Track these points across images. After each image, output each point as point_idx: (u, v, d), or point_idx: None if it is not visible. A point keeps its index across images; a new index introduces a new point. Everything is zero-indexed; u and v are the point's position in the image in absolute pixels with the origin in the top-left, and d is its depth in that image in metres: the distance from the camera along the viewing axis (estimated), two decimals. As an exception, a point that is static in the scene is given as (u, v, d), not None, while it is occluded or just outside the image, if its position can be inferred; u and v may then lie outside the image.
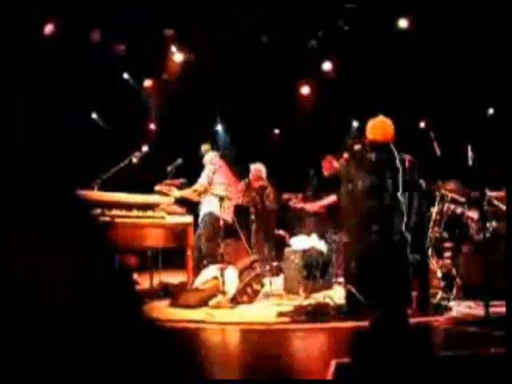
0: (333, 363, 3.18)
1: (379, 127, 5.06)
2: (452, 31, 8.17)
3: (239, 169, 7.80)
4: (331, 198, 7.35)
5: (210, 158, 7.07)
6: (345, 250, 5.29)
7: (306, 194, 7.85)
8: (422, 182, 5.27)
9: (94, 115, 9.48)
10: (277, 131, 11.41)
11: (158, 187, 6.65)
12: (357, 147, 5.05)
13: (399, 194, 4.86)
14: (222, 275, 5.69)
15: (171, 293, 6.30)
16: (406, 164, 4.96)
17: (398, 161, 4.92)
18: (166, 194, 6.62)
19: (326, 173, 7.77)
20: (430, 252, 5.53)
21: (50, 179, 1.74)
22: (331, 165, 7.68)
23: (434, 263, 5.46)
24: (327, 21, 8.68)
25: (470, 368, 2.96)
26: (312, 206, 7.60)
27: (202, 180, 6.87)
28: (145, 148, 6.52)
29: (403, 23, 8.57)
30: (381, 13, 8.22)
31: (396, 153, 4.95)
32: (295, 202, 7.72)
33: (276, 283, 6.58)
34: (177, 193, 6.74)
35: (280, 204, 7.94)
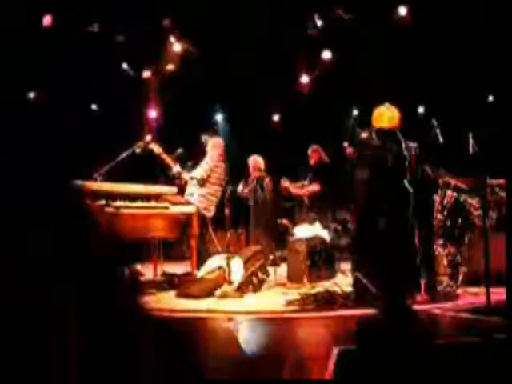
0: (335, 350, 3.19)
1: (385, 115, 5.07)
2: (452, 17, 8.17)
3: (238, 160, 7.83)
4: (314, 187, 7.56)
5: (214, 145, 6.96)
6: (353, 239, 5.29)
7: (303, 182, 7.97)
8: (428, 170, 5.29)
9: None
10: (276, 118, 11.36)
11: (161, 152, 6.53)
12: (364, 135, 5.06)
13: (406, 182, 4.88)
14: (227, 265, 5.70)
15: (175, 283, 6.29)
16: (413, 151, 4.98)
17: (404, 148, 4.94)
18: (162, 161, 6.58)
19: (312, 162, 7.92)
20: (434, 239, 5.55)
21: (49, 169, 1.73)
22: (318, 155, 7.83)
23: (439, 250, 5.48)
24: (327, 9, 8.65)
25: (470, 355, 2.98)
26: (296, 190, 7.82)
27: (202, 171, 6.75)
28: (148, 138, 6.44)
29: (403, 10, 8.56)
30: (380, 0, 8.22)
31: (402, 140, 4.97)
32: (285, 180, 7.84)
33: (278, 272, 6.59)
34: (176, 168, 6.66)
35: (279, 192, 8.01)
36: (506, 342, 3.23)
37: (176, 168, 6.63)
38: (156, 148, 6.47)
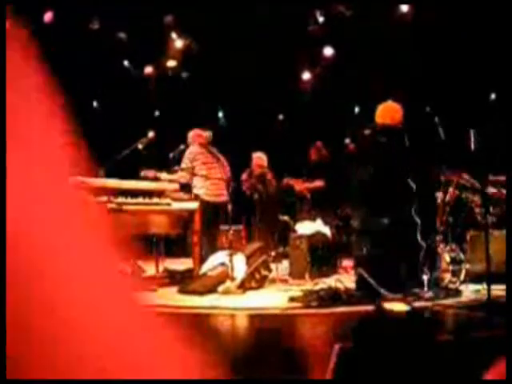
0: (336, 347, 3.19)
1: (388, 112, 5.07)
2: (454, 15, 8.17)
3: (240, 158, 7.82)
4: (318, 183, 7.54)
5: (193, 137, 6.94)
6: (356, 236, 5.30)
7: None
8: (431, 167, 5.29)
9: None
10: (277, 116, 11.37)
11: (144, 172, 6.49)
12: (366, 132, 5.06)
13: (409, 179, 4.88)
14: (230, 261, 5.69)
15: (177, 279, 6.30)
16: (415, 148, 4.99)
17: (407, 145, 4.95)
18: (154, 179, 6.55)
19: (311, 158, 7.93)
20: (437, 236, 5.55)
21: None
22: (319, 152, 7.82)
23: (441, 247, 5.48)
24: (328, 5, 8.64)
25: (469, 352, 2.98)
26: (299, 186, 7.81)
27: (183, 164, 6.72)
28: (151, 134, 6.41)
29: (404, 8, 8.56)
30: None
31: (405, 137, 4.97)
32: (288, 179, 7.84)
33: (279, 269, 6.58)
34: (165, 176, 6.64)
35: (281, 189, 8.00)
36: (506, 339, 3.22)
37: (172, 177, 6.62)
38: (151, 175, 6.43)
